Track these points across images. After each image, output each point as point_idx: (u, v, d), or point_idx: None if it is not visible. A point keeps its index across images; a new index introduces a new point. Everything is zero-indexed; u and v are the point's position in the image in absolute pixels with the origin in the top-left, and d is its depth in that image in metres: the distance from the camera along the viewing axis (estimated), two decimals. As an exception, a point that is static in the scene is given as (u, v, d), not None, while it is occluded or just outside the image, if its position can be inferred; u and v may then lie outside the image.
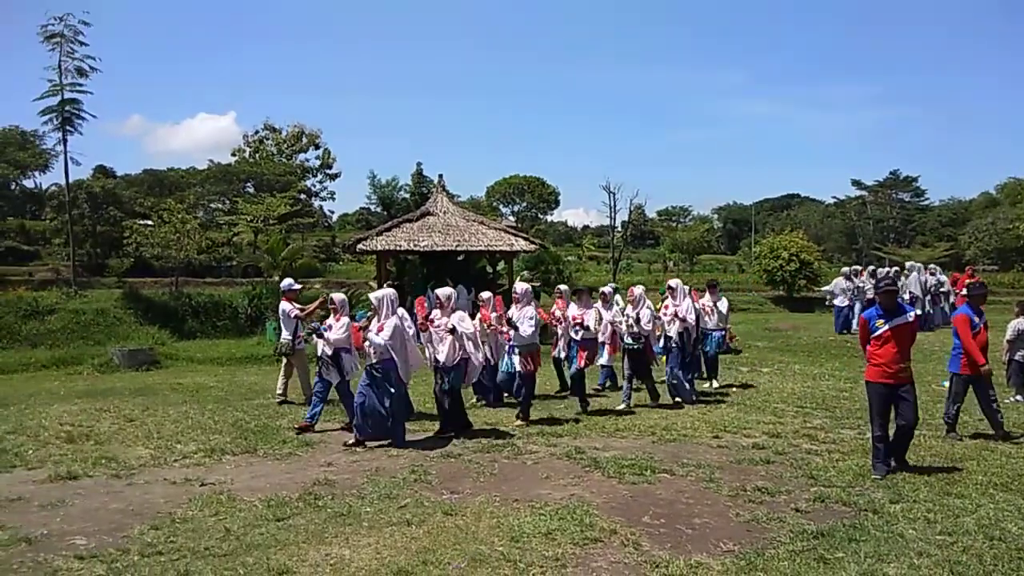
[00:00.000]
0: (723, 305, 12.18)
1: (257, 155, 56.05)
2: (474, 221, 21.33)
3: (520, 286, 9.70)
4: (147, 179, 50.90)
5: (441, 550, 4.98)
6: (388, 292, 8.40)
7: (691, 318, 10.62)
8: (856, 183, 65.80)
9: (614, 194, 25.91)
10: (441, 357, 8.67)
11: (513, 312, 9.48)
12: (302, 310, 10.72)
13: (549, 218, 76.69)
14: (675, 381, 10.69)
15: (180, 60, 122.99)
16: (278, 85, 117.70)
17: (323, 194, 59.11)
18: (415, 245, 19.79)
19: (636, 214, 30.24)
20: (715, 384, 12.10)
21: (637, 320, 10.10)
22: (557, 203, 74.01)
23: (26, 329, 17.72)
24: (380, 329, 8.02)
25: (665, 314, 10.71)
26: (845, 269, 21.16)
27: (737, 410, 10.20)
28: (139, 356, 15.80)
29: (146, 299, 22.58)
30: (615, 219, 27.09)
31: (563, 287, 11.60)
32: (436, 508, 5.89)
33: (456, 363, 8.67)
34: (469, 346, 8.65)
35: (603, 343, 10.43)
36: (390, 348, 7.98)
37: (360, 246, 20.23)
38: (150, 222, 31.88)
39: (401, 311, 8.93)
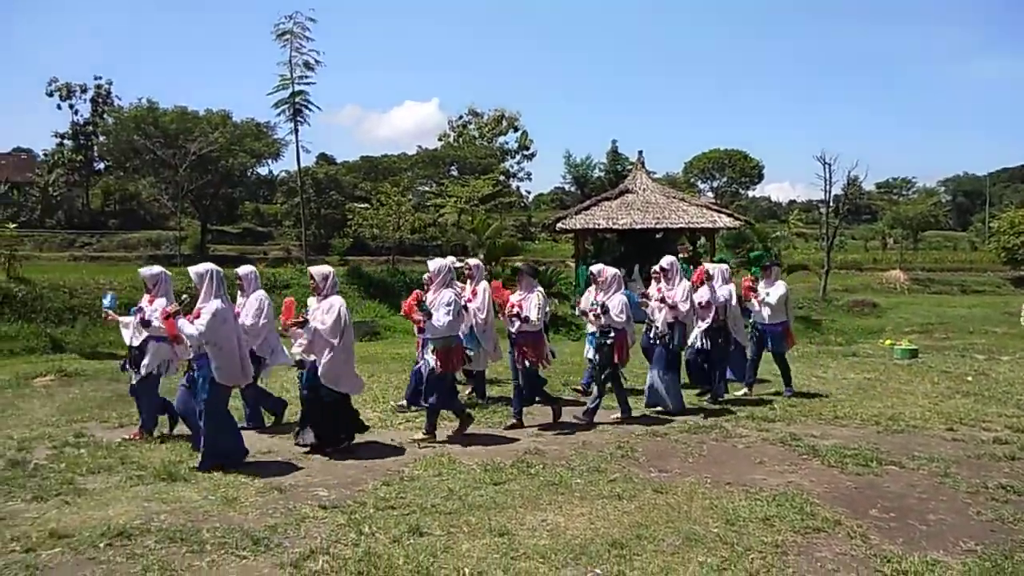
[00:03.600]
0: (776, 292, 9.60)
1: (460, 139, 58.51)
2: (674, 198, 20.95)
3: (435, 263, 7.70)
4: (363, 165, 54.83)
5: (654, 526, 4.98)
6: (212, 267, 6.61)
7: (684, 307, 8.53)
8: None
9: (830, 165, 24.06)
10: (313, 356, 6.93)
11: (429, 296, 7.56)
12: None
13: (751, 193, 73.47)
14: (657, 386, 8.65)
15: (389, 51, 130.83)
16: (476, 70, 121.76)
17: (520, 175, 60.61)
18: (613, 223, 19.79)
19: (852, 187, 27.94)
20: (788, 393, 9.64)
21: (605, 310, 8.04)
22: (760, 177, 70.68)
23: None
24: (196, 315, 6.38)
25: (647, 299, 8.77)
26: None
27: (974, 401, 9.28)
28: (362, 328, 17.21)
29: (367, 275, 24.41)
30: (830, 193, 25.10)
31: (472, 261, 9.45)
32: (645, 485, 5.89)
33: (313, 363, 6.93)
34: (319, 347, 6.82)
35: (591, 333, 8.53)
36: (208, 342, 6.30)
37: (559, 225, 20.58)
38: (366, 205, 34.34)
39: (260, 293, 7.72)
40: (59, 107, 47.90)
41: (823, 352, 13.98)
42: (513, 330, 7.89)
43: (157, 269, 7.67)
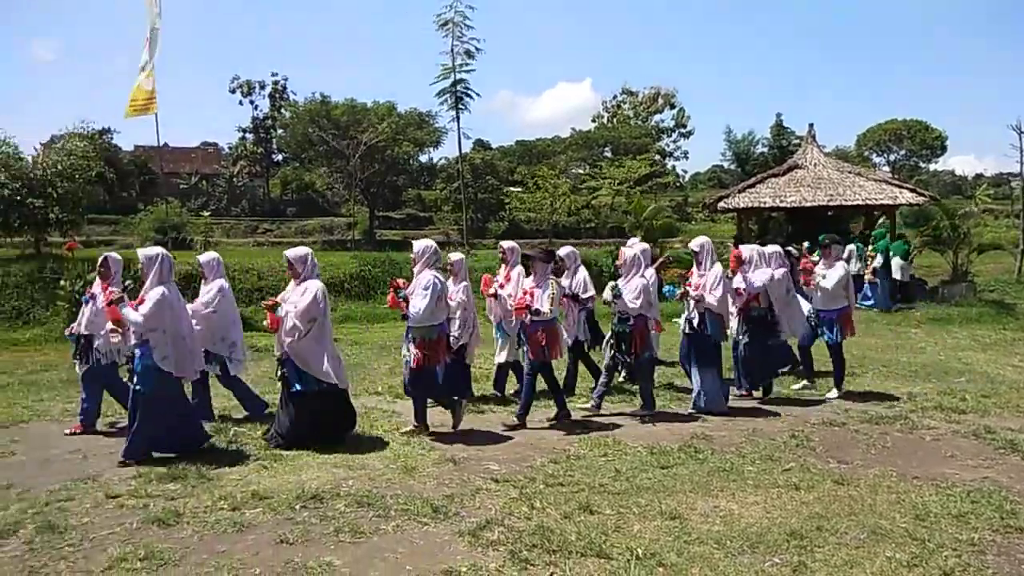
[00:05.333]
0: (834, 275, 8.36)
1: (615, 120, 57.95)
2: (849, 173, 19.65)
3: (419, 243, 7.07)
4: (518, 149, 55.62)
5: (835, 518, 4.77)
6: (161, 252, 6.27)
7: (712, 298, 7.49)
8: None
9: (1027, 134, 21.51)
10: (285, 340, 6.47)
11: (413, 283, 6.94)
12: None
13: (932, 167, 67.61)
14: (702, 386, 7.75)
15: (540, 33, 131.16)
16: (631, 47, 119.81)
17: (676, 154, 59.22)
18: (780, 201, 18.91)
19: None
20: (832, 396, 8.41)
21: (618, 294, 7.37)
22: (943, 149, 64.75)
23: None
24: (140, 302, 6.14)
25: (682, 287, 7.84)
26: None
27: None
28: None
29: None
30: (1026, 165, 22.46)
31: (506, 244, 8.81)
32: (824, 476, 5.64)
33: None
34: (291, 329, 6.36)
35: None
36: (151, 329, 6.04)
37: (722, 204, 19.92)
38: (521, 189, 34.82)
39: (221, 282, 7.30)
40: (240, 103, 51.87)
41: (1020, 339, 12.73)
42: (527, 320, 7.24)
43: (119, 256, 7.33)
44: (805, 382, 8.84)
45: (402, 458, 6.18)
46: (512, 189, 37.94)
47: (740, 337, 8.34)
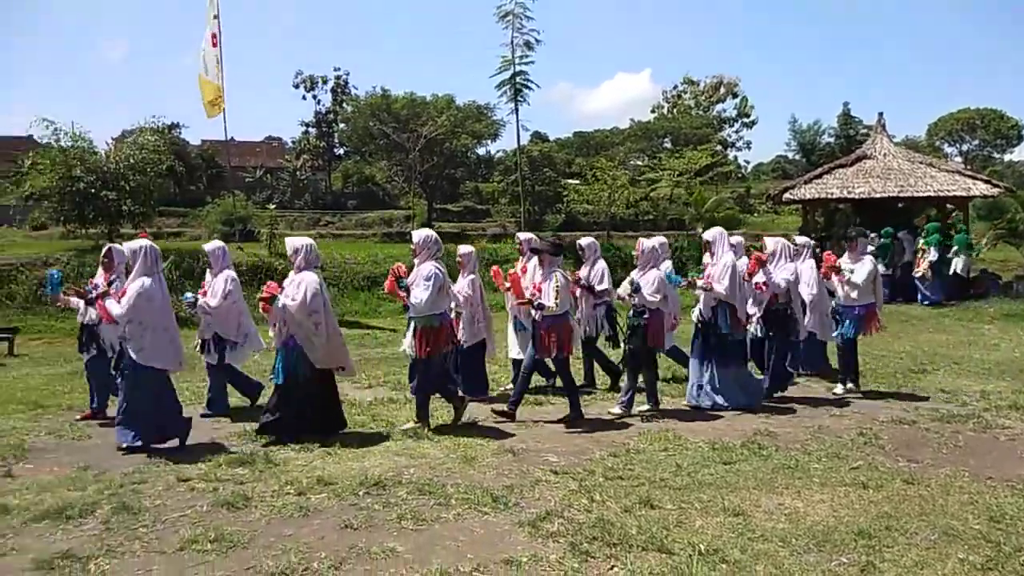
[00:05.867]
0: (863, 270, 7.99)
1: (675, 110, 57.22)
2: (921, 163, 18.97)
3: (419, 233, 6.94)
4: (576, 141, 55.39)
5: (905, 518, 4.62)
6: (147, 244, 6.27)
7: (720, 287, 7.28)
8: None
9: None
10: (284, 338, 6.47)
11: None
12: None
13: (1007, 157, 64.92)
14: (706, 383, 7.59)
15: (598, 23, 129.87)
16: (691, 37, 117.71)
17: (739, 144, 58.19)
18: (848, 192, 18.39)
19: None
20: (848, 386, 8.26)
21: (636, 288, 7.20)
22: (1019, 139, 62.11)
23: (489, 275, 20.79)
24: (122, 295, 6.18)
25: (696, 279, 7.56)
26: None
27: None
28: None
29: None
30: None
31: (523, 236, 8.86)
32: (893, 475, 5.47)
33: (284, 343, 6.45)
34: (294, 326, 6.37)
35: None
36: (131, 321, 6.06)
37: (787, 195, 19.48)
38: (578, 181, 34.62)
39: (229, 273, 7.32)
40: (304, 98, 52.81)
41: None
42: (536, 316, 7.03)
43: (122, 247, 7.12)
44: (851, 384, 8.35)
45: (462, 448, 6.24)
46: (570, 181, 37.81)
47: (758, 334, 8.12)
